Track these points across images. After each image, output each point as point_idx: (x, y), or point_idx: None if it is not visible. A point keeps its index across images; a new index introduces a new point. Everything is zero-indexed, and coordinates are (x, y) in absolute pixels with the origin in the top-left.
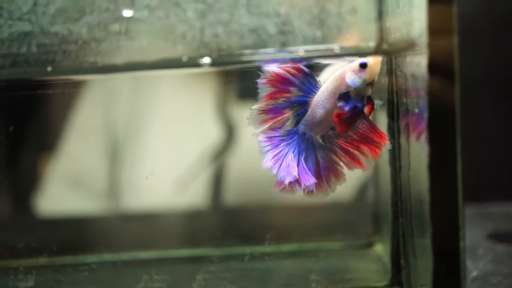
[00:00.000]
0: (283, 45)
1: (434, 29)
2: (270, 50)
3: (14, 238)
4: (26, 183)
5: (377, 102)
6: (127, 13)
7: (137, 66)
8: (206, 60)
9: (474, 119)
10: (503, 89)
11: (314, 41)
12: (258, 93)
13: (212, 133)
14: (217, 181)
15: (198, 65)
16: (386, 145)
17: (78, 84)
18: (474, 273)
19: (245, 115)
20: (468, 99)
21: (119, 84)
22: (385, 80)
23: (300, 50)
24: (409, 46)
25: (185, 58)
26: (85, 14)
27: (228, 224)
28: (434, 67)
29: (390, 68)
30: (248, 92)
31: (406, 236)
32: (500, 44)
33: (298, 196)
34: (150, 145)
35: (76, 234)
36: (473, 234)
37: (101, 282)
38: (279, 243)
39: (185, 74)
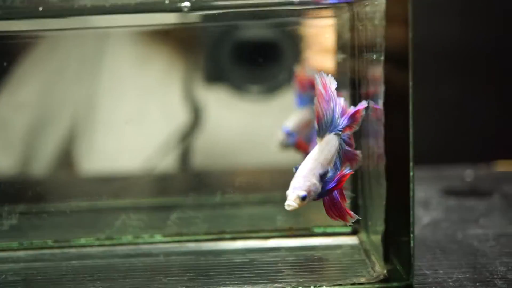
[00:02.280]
0: None
1: None
2: None
3: None
4: None
5: (340, 56)
6: None
7: (112, 9)
8: (187, 3)
9: (436, 89)
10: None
11: None
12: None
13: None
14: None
15: (179, 10)
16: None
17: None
18: (426, 221)
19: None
20: (430, 70)
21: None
22: (348, 35)
23: None
24: None
25: (166, 1)
26: None
27: (197, 182)
28: (391, 13)
29: (352, 23)
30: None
31: (365, 184)
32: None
33: None
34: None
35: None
36: (429, 191)
37: (81, 223)
38: (247, 193)
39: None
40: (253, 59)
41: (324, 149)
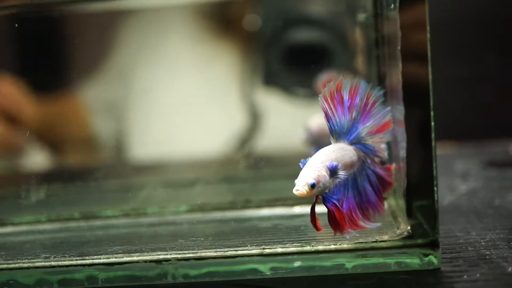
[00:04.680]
0: None
1: None
2: None
3: None
4: None
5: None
6: None
7: None
8: None
9: (478, 63)
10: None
11: None
12: None
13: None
14: None
15: None
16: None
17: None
18: (464, 190)
19: None
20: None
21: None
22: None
23: None
24: None
25: None
26: None
27: None
28: None
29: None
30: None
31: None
32: None
33: None
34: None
35: None
36: (470, 163)
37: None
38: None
39: None
40: None
41: (337, 150)
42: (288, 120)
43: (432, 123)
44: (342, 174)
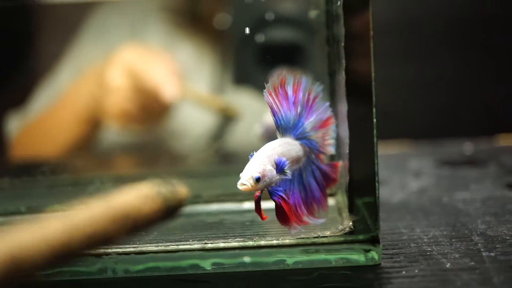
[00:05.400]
0: None
1: None
2: None
3: None
4: None
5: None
6: None
7: None
8: None
9: (434, 63)
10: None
11: None
12: None
13: None
14: None
15: None
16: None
17: None
18: (414, 188)
19: None
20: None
21: None
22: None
23: None
24: None
25: None
26: None
27: None
28: None
29: None
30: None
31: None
32: None
33: None
34: None
35: None
36: (424, 162)
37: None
38: None
39: None
40: None
41: (283, 145)
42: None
43: (374, 120)
44: (288, 171)
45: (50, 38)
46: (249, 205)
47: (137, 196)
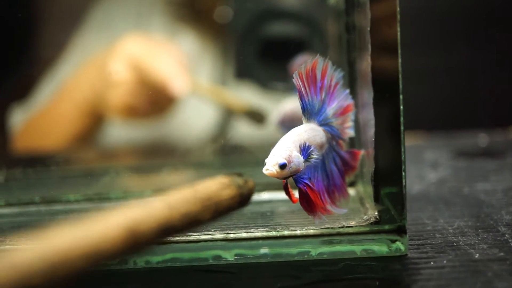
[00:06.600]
0: None
1: None
2: None
3: None
4: None
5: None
6: None
7: None
8: None
9: (449, 55)
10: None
11: None
12: None
13: None
14: None
15: None
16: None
17: None
18: (433, 179)
19: None
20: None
21: None
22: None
23: None
24: None
25: None
26: None
27: None
28: None
29: None
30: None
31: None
32: None
33: None
34: None
35: None
36: (440, 153)
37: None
38: None
39: None
40: None
41: (308, 130)
42: None
43: (401, 107)
44: (315, 156)
45: (54, 28)
46: (268, 195)
47: (216, 183)
